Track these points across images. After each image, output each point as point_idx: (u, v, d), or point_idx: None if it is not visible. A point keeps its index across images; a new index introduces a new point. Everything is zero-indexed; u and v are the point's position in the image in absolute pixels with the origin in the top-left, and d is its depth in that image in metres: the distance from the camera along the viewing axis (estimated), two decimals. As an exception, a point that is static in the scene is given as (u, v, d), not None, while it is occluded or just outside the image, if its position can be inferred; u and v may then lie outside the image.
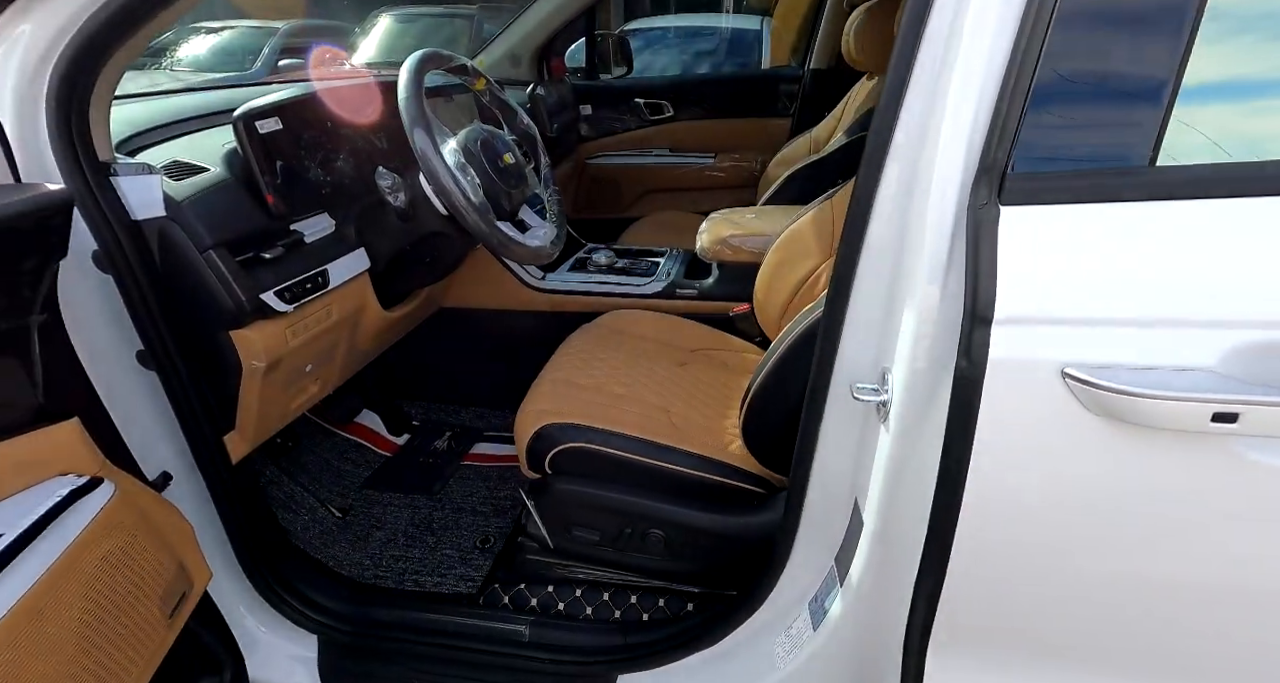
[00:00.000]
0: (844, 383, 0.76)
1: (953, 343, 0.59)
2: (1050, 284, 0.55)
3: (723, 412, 1.29)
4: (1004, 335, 0.54)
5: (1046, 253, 0.56)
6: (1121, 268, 0.55)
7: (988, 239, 0.55)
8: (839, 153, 1.73)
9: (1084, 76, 0.57)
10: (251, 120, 1.00)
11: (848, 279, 0.75)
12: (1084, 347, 0.54)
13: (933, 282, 0.62)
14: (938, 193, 0.62)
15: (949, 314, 0.60)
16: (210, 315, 0.93)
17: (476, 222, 1.05)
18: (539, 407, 1.19)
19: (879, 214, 0.71)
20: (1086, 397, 0.53)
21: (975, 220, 0.57)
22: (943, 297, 0.61)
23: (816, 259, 1.34)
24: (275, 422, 1.14)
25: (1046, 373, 0.54)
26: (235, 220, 0.97)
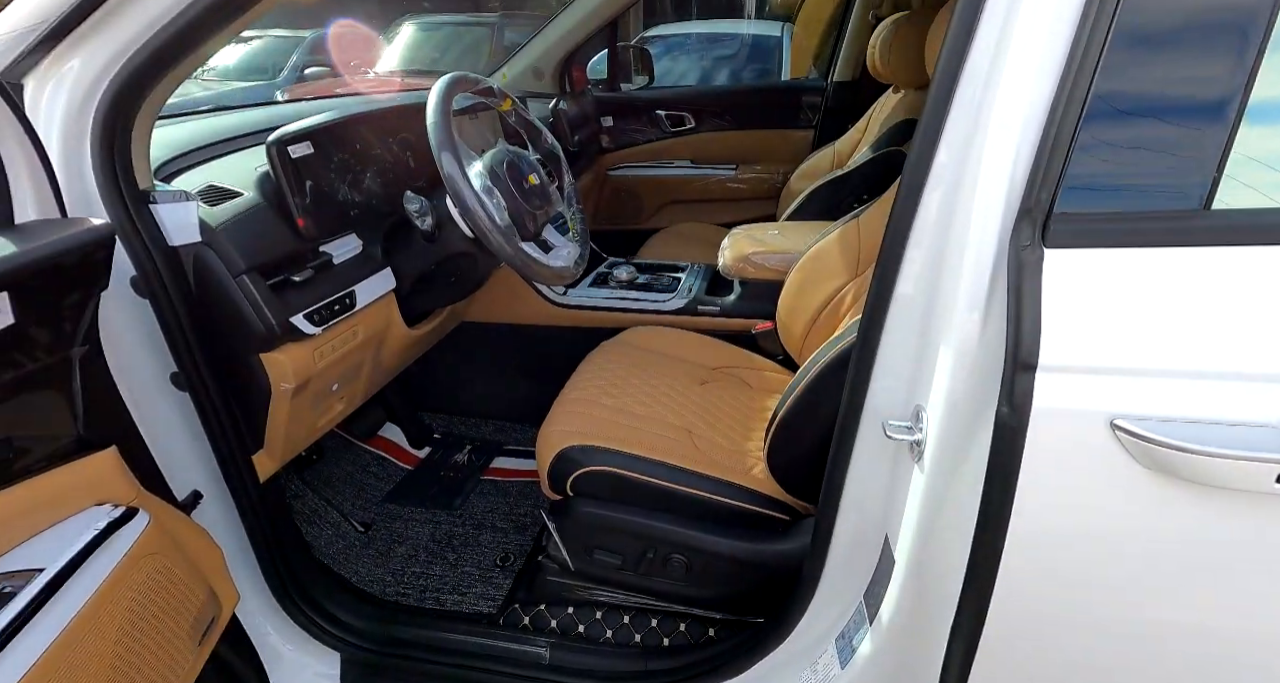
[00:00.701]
0: (875, 418, 0.75)
1: (992, 386, 0.58)
2: (1099, 331, 0.54)
3: (745, 433, 1.28)
4: (1049, 383, 0.53)
5: (1094, 298, 0.54)
6: (1176, 316, 0.53)
7: (1031, 282, 0.54)
8: (864, 169, 1.71)
9: (1137, 108, 0.56)
10: (284, 146, 1.01)
11: (881, 310, 0.73)
12: (1135, 398, 0.52)
13: (971, 321, 0.61)
14: (978, 229, 0.61)
15: (989, 356, 0.59)
16: (242, 339, 0.95)
17: (501, 244, 1.06)
18: (561, 427, 1.19)
19: (916, 243, 0.70)
20: (1137, 450, 0.52)
21: (1017, 262, 0.55)
22: (982, 338, 0.60)
23: (842, 279, 1.32)
24: (302, 440, 1.15)
25: (1095, 424, 0.53)
26: (267, 244, 0.99)
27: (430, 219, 1.12)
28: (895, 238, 0.70)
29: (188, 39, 0.80)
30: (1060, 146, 0.56)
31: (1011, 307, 0.54)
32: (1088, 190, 0.57)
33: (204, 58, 0.87)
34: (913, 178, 0.67)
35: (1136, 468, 0.53)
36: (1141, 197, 0.56)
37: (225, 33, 0.83)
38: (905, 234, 0.69)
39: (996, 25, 0.60)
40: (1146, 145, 0.56)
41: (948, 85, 0.63)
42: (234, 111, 1.46)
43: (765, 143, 2.46)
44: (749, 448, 1.22)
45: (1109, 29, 0.53)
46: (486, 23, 6.76)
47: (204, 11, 0.78)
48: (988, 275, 0.59)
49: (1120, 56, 0.54)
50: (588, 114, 2.28)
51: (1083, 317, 0.54)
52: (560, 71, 2.30)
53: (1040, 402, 0.53)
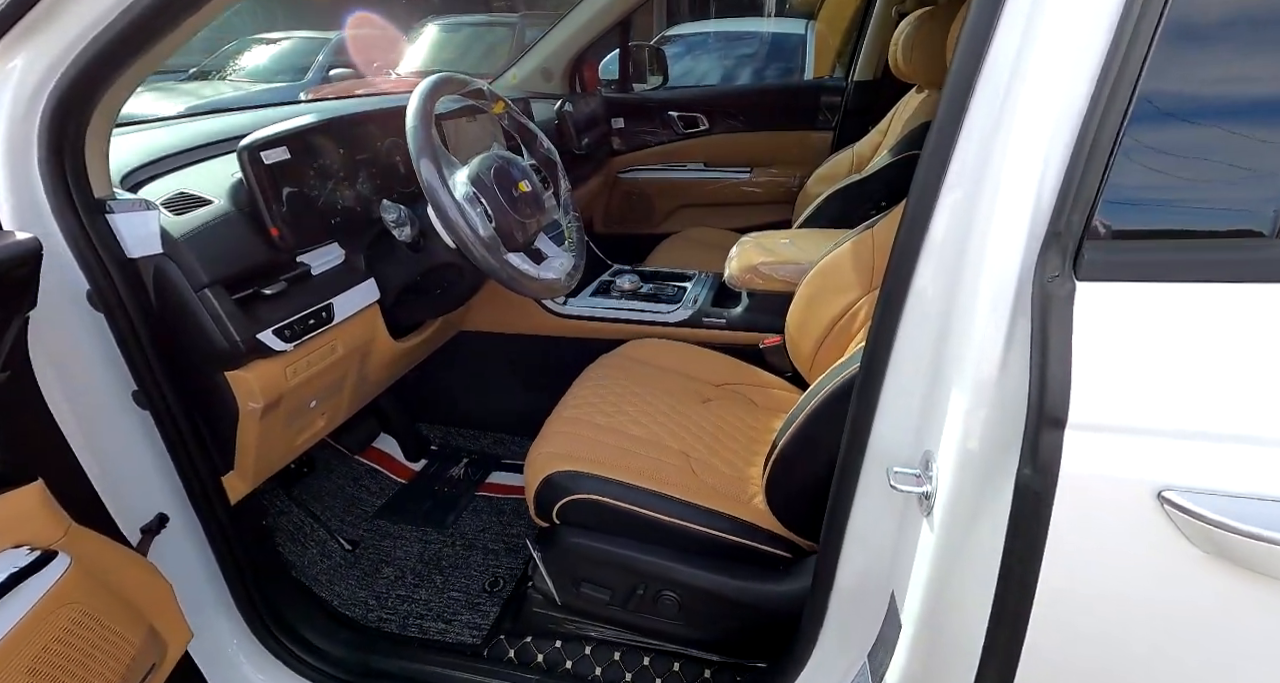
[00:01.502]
0: (879, 462, 0.66)
1: (1013, 439, 0.49)
2: (1144, 384, 0.45)
3: (748, 458, 1.19)
4: (1081, 443, 0.44)
5: (1139, 343, 0.45)
6: (1241, 368, 0.44)
7: (1059, 321, 0.45)
8: (883, 173, 1.61)
9: (1194, 112, 0.46)
10: (257, 151, 0.96)
11: (887, 341, 0.65)
12: (1189, 466, 0.43)
13: (988, 362, 0.52)
14: (996, 255, 0.52)
15: (1009, 403, 0.50)
16: (204, 356, 0.90)
17: (485, 257, 0.99)
18: (550, 449, 1.12)
19: (926, 267, 0.61)
20: (1192, 530, 0.42)
21: (1043, 296, 0.46)
22: (1000, 382, 0.51)
23: (854, 294, 1.23)
24: (278, 459, 1.10)
25: (1138, 495, 0.44)
26: (235, 256, 0.93)
27: (409, 230, 1.05)
28: (902, 260, 0.61)
29: (138, 36, 0.75)
30: (1097, 158, 0.47)
31: (1036, 350, 0.46)
32: (1130, 212, 0.47)
33: (161, 57, 0.81)
34: (922, 193, 0.59)
35: (1190, 551, 0.43)
36: (1197, 220, 0.47)
37: (180, 31, 0.77)
38: (914, 257, 0.61)
39: (1023, 11, 0.51)
40: (1205, 157, 0.46)
41: (964, 84, 0.54)
42: (231, 115, 1.42)
43: (781, 145, 2.36)
44: (750, 474, 1.14)
45: (1161, 14, 0.44)
46: (508, 23, 6.77)
47: (151, 9, 0.72)
48: (1008, 310, 0.51)
49: (1174, 48, 0.45)
50: (597, 115, 2.21)
51: (1124, 365, 0.45)
52: (570, 72, 2.24)
53: (1070, 465, 0.44)
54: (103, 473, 0.85)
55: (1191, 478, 0.43)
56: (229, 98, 5.84)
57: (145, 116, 4.70)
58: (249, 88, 6.47)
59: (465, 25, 6.78)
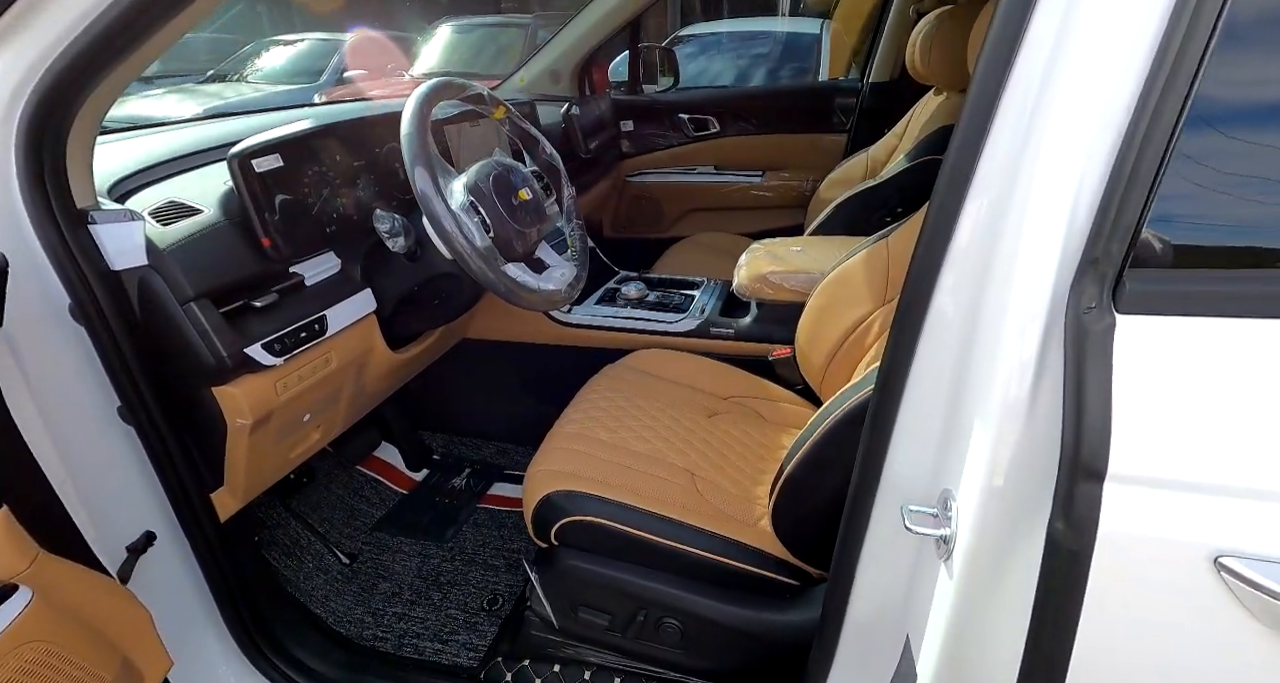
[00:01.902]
0: (893, 497, 0.61)
1: (1042, 485, 0.44)
2: (1197, 433, 0.39)
3: (755, 477, 1.14)
4: (1123, 498, 0.39)
5: (1190, 387, 0.40)
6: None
7: (1097, 359, 0.40)
8: (898, 180, 1.55)
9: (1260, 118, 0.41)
10: (248, 159, 0.93)
11: (903, 364, 0.60)
12: (1252, 529, 0.38)
13: (1015, 397, 0.47)
14: (1024, 281, 0.47)
15: (1038, 446, 0.45)
16: (190, 371, 0.87)
17: (482, 268, 0.95)
18: (549, 467, 1.08)
19: (945, 287, 0.56)
20: (1253, 601, 0.37)
21: (1078, 329, 0.41)
22: (1029, 420, 0.46)
23: (867, 307, 1.18)
24: (271, 475, 1.07)
25: (1191, 559, 0.39)
26: (224, 267, 0.90)
27: (403, 240, 1.02)
28: (920, 276, 0.57)
29: (121, 38, 0.72)
30: (1142, 174, 0.42)
31: (1070, 390, 0.41)
32: (1180, 236, 0.42)
33: (146, 60, 0.78)
34: (942, 207, 0.54)
35: (1251, 625, 0.38)
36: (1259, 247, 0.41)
37: (164, 33, 0.74)
38: (933, 273, 0.56)
39: (1059, 6, 0.46)
40: (1268, 175, 0.41)
41: (990, 88, 0.49)
42: (236, 118, 1.40)
43: (794, 148, 2.31)
44: (757, 494, 1.09)
45: (1222, 7, 0.38)
46: (520, 24, 6.77)
47: (132, 9, 0.69)
48: (1037, 339, 0.46)
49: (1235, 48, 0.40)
50: (605, 118, 2.17)
51: (1173, 411, 0.40)
52: (579, 74, 2.20)
53: (1111, 522, 0.39)
54: (83, 493, 0.82)
55: (1254, 543, 0.37)
56: (234, 101, 5.88)
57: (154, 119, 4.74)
58: (266, 89, 6.53)
59: (478, 26, 6.79)
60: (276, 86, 6.59)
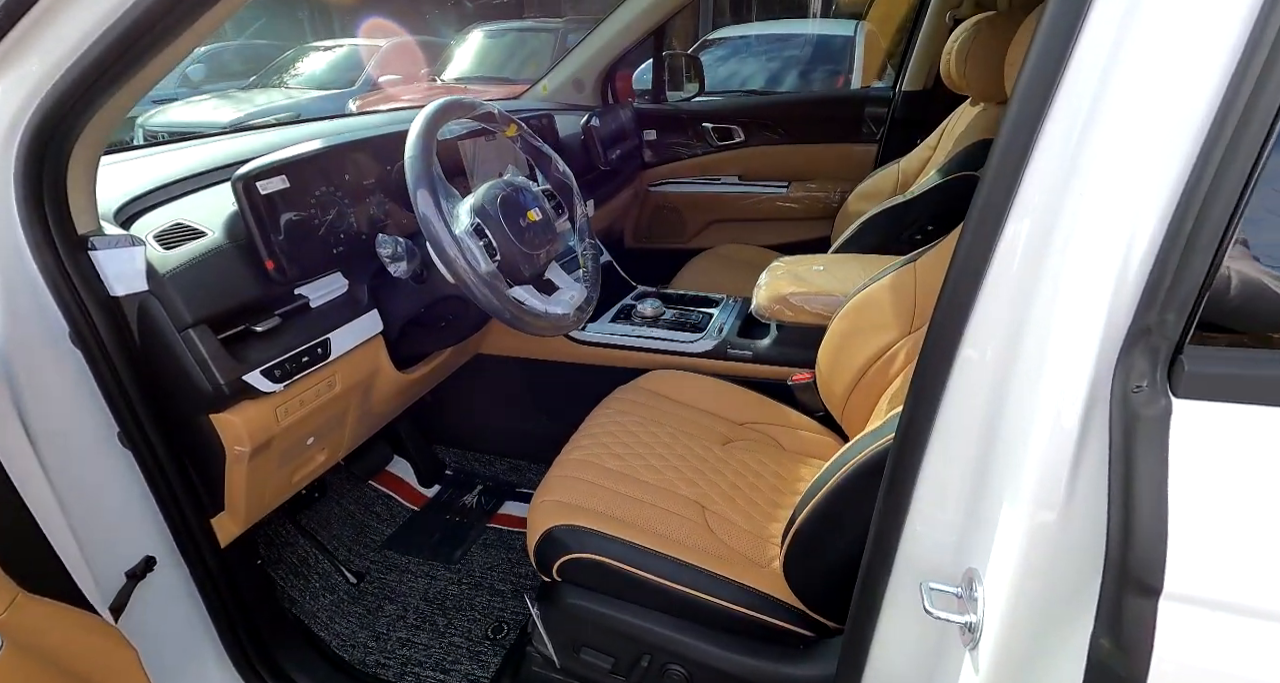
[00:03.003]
0: (912, 570, 0.56)
1: (1081, 586, 0.38)
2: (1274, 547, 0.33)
3: (770, 512, 1.09)
4: (1182, 620, 0.33)
5: (1264, 489, 0.34)
6: None
7: (1150, 451, 0.34)
8: (930, 196, 1.48)
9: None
10: (252, 181, 0.92)
11: (924, 419, 0.54)
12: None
13: (1050, 478, 0.41)
14: (1063, 341, 0.41)
15: (1076, 541, 0.39)
16: (188, 398, 0.85)
17: (486, 295, 0.92)
18: (553, 497, 1.04)
19: (973, 340, 0.50)
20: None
21: (1126, 412, 0.36)
22: (1066, 510, 0.40)
23: (892, 334, 1.11)
24: (273, 498, 1.06)
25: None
26: (225, 292, 0.89)
27: (406, 265, 0.99)
28: (947, 319, 0.51)
29: (121, 62, 0.71)
30: (1213, 220, 0.35)
31: (1116, 484, 0.35)
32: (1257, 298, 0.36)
33: (149, 82, 0.77)
34: (973, 246, 0.48)
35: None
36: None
37: (164, 56, 0.73)
38: (960, 320, 0.50)
39: (1115, 16, 0.39)
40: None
41: (1034, 106, 0.42)
42: (235, 138, 1.41)
43: (821, 158, 2.23)
44: (771, 533, 1.04)
45: None
46: (550, 28, 6.80)
47: (131, 33, 0.68)
48: (1077, 417, 0.40)
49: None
50: (627, 128, 2.13)
51: (1245, 520, 0.34)
52: (603, 82, 2.17)
53: (1169, 648, 0.33)
54: (81, 519, 0.82)
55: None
56: (262, 108, 6.02)
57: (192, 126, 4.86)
58: (303, 94, 6.69)
59: (509, 31, 6.85)
60: (313, 92, 6.75)
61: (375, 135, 1.13)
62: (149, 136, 5.87)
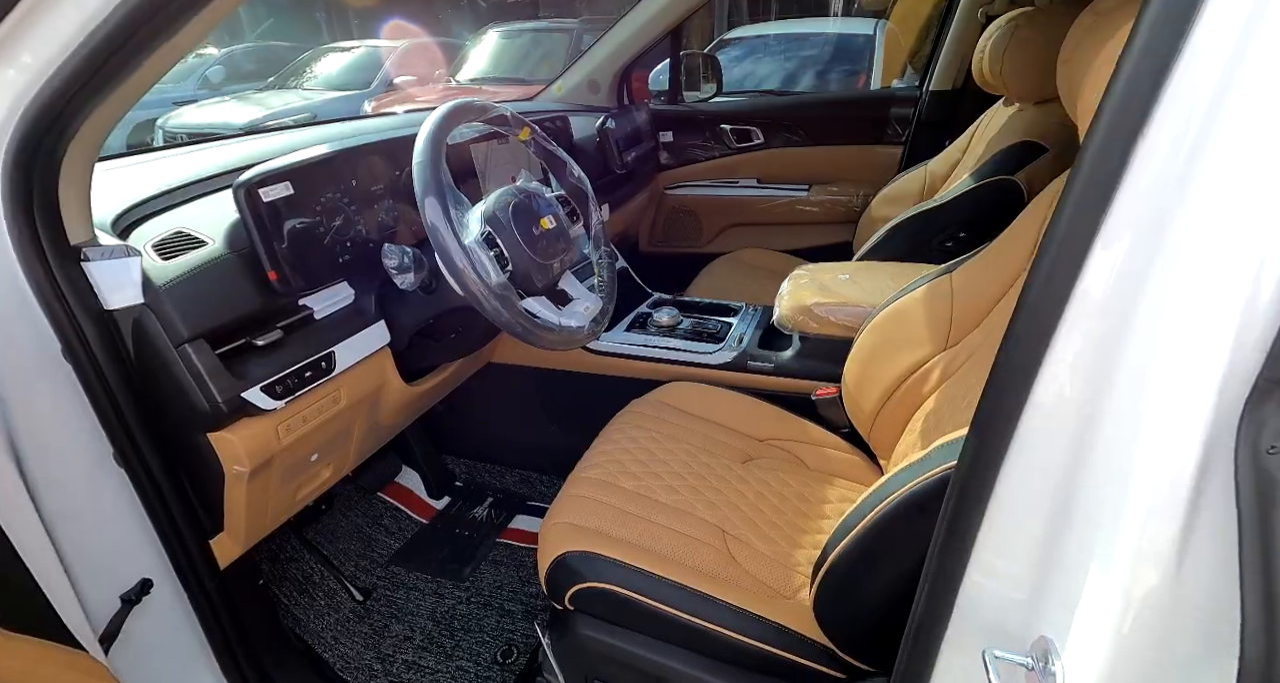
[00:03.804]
0: (972, 631, 0.50)
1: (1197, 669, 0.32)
2: None
3: (794, 537, 1.03)
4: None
5: None
6: None
7: (1294, 526, 0.28)
8: (963, 201, 1.40)
9: None
10: (255, 188, 0.88)
11: (988, 465, 0.48)
12: None
13: (1152, 547, 0.35)
14: (1166, 395, 0.35)
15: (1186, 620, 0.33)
16: (184, 417, 0.81)
17: (495, 307, 0.87)
18: (566, 519, 0.99)
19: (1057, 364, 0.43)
20: None
21: (1261, 478, 0.30)
22: (1174, 582, 0.34)
23: (926, 350, 1.05)
24: (275, 517, 1.02)
25: None
26: (225, 304, 0.85)
27: (413, 276, 0.95)
28: (1018, 349, 0.44)
29: (112, 64, 0.67)
30: None
31: (1252, 561, 0.29)
32: None
33: (142, 85, 0.73)
34: (1056, 268, 0.41)
35: None
36: None
37: (160, 57, 0.69)
38: (1037, 353, 0.43)
39: (1238, 14, 0.33)
40: None
41: (1132, 110, 0.36)
42: (245, 141, 1.37)
43: (844, 160, 2.16)
44: (797, 560, 0.98)
45: None
46: (566, 28, 6.78)
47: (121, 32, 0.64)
48: (1189, 477, 0.34)
49: None
50: (643, 130, 2.08)
51: None
52: (618, 83, 2.12)
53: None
54: (73, 541, 0.78)
55: None
56: (281, 110, 6.05)
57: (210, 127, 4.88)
58: (320, 96, 6.73)
59: (525, 32, 6.84)
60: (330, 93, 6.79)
61: (384, 139, 1.08)
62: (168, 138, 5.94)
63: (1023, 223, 0.93)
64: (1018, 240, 0.93)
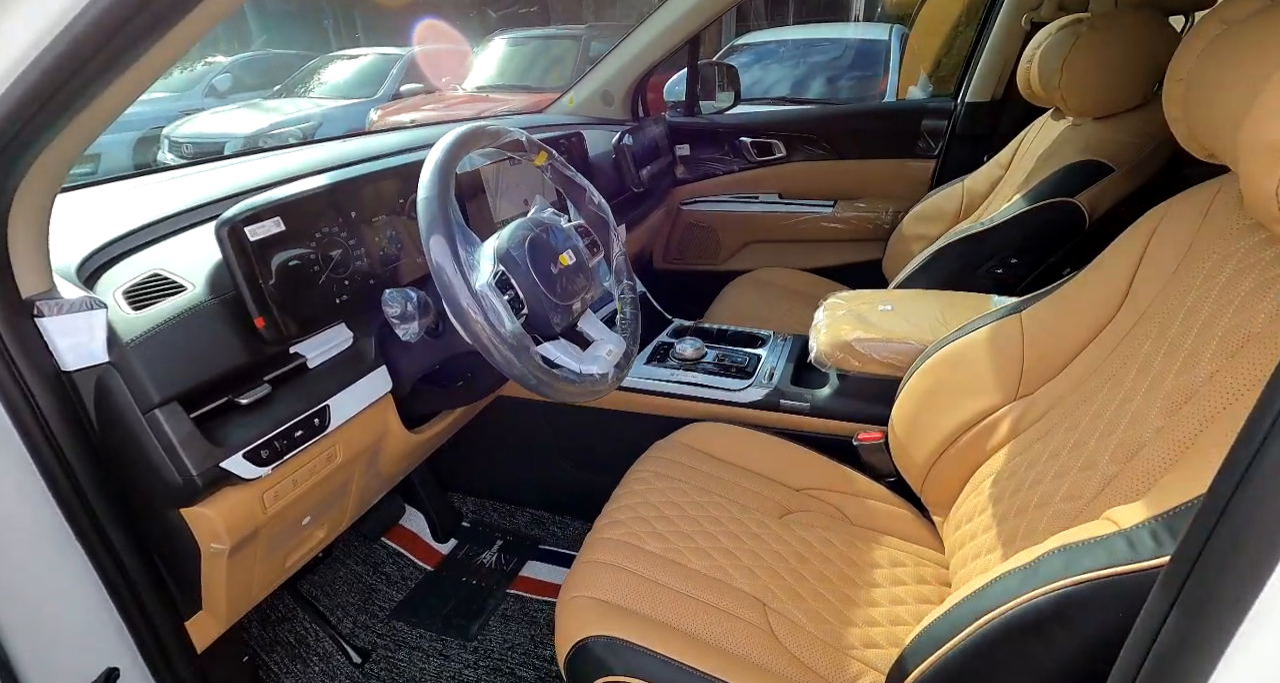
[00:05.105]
0: None
1: None
2: None
3: (843, 611, 0.91)
4: None
5: None
6: None
7: None
8: (1016, 224, 1.29)
9: None
10: (239, 227, 0.77)
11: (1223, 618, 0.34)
12: None
13: None
14: None
15: None
16: (153, 491, 0.71)
17: (507, 358, 0.77)
18: (587, 592, 0.88)
19: None
20: None
21: None
22: None
23: (993, 399, 0.94)
24: (262, 589, 0.92)
25: None
26: (204, 360, 0.75)
27: (416, 326, 0.84)
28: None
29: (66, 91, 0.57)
30: None
31: None
32: None
33: (105, 114, 0.63)
34: None
35: None
36: None
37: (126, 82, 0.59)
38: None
39: None
40: None
41: None
42: (244, 161, 1.27)
43: (872, 175, 2.05)
44: (850, 642, 0.86)
45: None
46: (574, 35, 6.72)
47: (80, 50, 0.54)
48: None
49: None
50: (660, 145, 1.98)
51: None
52: (633, 95, 2.02)
53: None
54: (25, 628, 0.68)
55: None
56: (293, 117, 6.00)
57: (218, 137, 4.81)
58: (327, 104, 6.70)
59: (532, 39, 6.79)
60: (337, 101, 6.75)
61: (388, 167, 0.98)
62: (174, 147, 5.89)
63: (1113, 259, 0.81)
64: (1106, 277, 0.81)
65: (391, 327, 0.85)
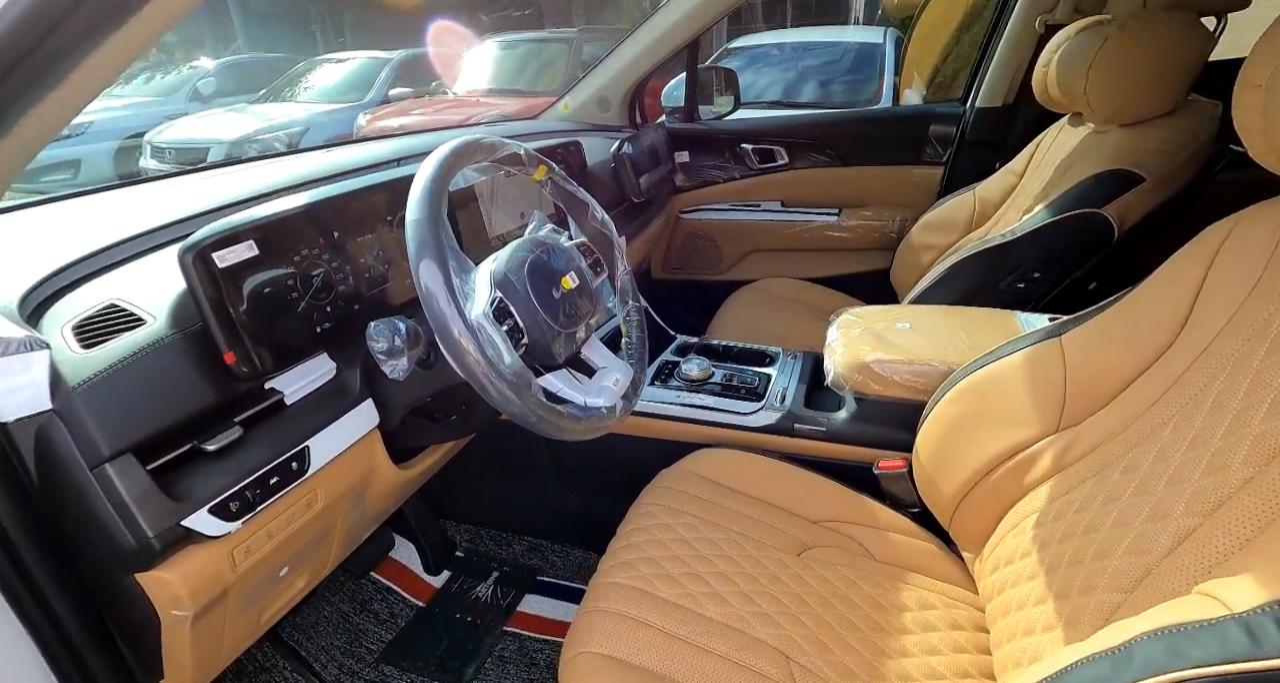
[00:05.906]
0: None
1: None
2: None
3: (872, 663, 0.84)
4: None
5: None
6: None
7: None
8: (1038, 236, 1.22)
9: None
10: (206, 252, 0.69)
11: None
12: None
13: None
14: None
15: None
16: (103, 555, 0.62)
17: (504, 395, 0.69)
18: (594, 648, 0.80)
19: None
20: None
21: None
22: None
23: (1032, 430, 0.87)
24: (234, 649, 0.83)
25: None
26: (164, 404, 0.66)
27: (405, 362, 0.76)
28: None
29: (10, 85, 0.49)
30: None
31: None
32: None
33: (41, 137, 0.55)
34: None
35: None
36: None
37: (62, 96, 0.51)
38: None
39: None
40: None
41: None
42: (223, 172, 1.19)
43: (877, 182, 1.99)
44: (880, 697, 0.79)
45: None
46: (565, 38, 6.66)
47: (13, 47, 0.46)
48: None
49: None
50: (660, 152, 1.91)
51: None
52: (630, 101, 1.95)
53: None
54: None
55: None
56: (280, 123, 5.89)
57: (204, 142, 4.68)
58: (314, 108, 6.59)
59: (523, 42, 6.72)
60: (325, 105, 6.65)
61: (376, 183, 0.90)
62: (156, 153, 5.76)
63: (1169, 279, 0.74)
64: (1160, 301, 0.75)
65: (378, 362, 0.76)
